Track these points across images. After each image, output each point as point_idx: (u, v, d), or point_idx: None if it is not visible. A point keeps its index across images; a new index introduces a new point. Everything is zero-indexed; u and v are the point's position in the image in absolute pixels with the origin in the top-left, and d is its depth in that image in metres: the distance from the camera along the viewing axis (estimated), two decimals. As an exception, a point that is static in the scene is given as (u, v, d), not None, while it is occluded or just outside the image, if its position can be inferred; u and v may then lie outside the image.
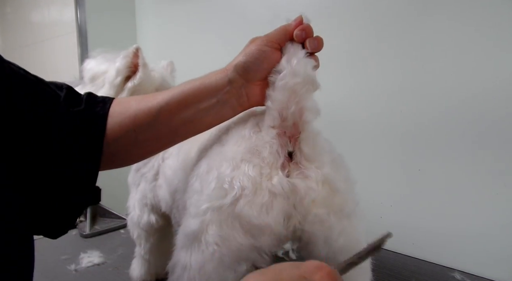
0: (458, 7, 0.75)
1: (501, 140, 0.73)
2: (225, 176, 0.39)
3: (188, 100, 0.44)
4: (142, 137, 0.46)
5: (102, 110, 0.45)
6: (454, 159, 0.79)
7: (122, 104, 0.47)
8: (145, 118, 0.44)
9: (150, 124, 0.45)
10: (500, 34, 0.71)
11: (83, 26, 1.27)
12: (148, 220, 0.69)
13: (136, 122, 0.45)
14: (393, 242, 0.36)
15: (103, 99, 0.47)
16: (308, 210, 0.39)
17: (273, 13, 1.06)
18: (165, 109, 0.44)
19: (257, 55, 0.42)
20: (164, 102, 0.44)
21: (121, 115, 0.45)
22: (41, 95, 0.41)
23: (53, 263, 0.83)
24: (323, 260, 0.40)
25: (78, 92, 0.47)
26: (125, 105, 0.46)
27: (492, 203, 0.75)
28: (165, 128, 0.46)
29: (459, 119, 0.77)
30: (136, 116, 0.45)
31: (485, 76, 0.73)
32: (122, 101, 0.48)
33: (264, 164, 0.39)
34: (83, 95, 0.46)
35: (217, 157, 0.42)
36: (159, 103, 0.44)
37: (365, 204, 0.44)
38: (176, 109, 0.44)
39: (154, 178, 0.66)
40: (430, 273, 0.76)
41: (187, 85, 0.45)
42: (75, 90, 0.46)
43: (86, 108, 0.44)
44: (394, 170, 0.87)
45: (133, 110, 0.45)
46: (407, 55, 0.83)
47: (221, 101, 0.44)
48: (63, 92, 0.44)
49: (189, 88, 0.44)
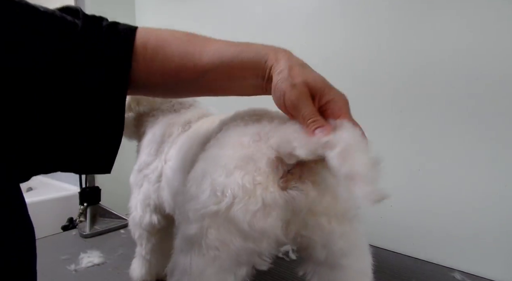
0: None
1: (501, 140, 0.73)
2: (218, 183, 0.38)
3: (235, 74, 0.43)
4: (182, 86, 0.47)
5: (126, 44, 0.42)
6: (454, 159, 0.79)
7: (163, 48, 0.43)
8: (190, 74, 0.43)
9: (193, 80, 0.44)
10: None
11: (83, 26, 1.27)
12: (150, 220, 0.68)
13: (180, 76, 0.44)
14: (393, 242, 0.35)
15: (125, 32, 0.43)
16: (307, 218, 0.39)
17: (273, 13, 1.06)
18: (211, 75, 0.43)
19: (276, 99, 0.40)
20: (212, 66, 0.42)
21: (164, 63, 0.43)
22: (57, 24, 0.38)
23: (53, 263, 0.83)
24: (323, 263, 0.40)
25: (95, 18, 0.44)
26: (167, 51, 0.43)
27: (492, 203, 0.75)
28: (206, 87, 0.46)
29: (459, 118, 0.77)
30: (180, 70, 0.43)
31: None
32: (161, 42, 0.44)
33: (258, 174, 0.38)
34: (103, 22, 0.43)
35: (212, 161, 0.41)
36: (207, 65, 0.42)
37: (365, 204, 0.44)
38: (222, 78, 0.43)
39: (157, 179, 0.66)
40: (430, 273, 0.76)
41: (236, 51, 0.42)
42: (93, 16, 0.44)
43: (106, 42, 0.41)
44: (394, 170, 0.87)
45: (177, 61, 0.43)
46: (407, 55, 0.83)
47: (260, 86, 0.43)
48: (81, 22, 0.41)
49: (240, 59, 0.42)
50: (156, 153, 0.67)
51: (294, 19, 1.01)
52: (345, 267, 0.41)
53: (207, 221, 0.38)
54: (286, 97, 0.38)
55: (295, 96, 0.38)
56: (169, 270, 0.42)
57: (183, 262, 0.39)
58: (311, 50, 0.96)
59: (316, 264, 0.42)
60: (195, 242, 0.39)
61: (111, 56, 0.41)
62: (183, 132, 0.65)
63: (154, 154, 0.68)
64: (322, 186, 0.39)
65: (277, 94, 0.39)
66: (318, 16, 0.96)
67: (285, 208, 0.38)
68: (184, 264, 0.39)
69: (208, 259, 0.38)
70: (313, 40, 0.97)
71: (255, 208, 0.37)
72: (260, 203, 0.37)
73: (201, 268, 0.38)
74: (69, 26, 0.39)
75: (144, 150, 0.70)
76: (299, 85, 0.38)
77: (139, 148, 0.74)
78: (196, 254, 0.38)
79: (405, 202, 0.86)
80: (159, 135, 0.69)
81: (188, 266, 0.39)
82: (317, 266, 0.42)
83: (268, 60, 0.41)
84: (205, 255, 0.38)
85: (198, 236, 0.38)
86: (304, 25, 0.99)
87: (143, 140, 0.73)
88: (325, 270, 0.42)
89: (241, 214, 0.37)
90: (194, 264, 0.38)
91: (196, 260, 0.38)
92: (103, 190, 1.14)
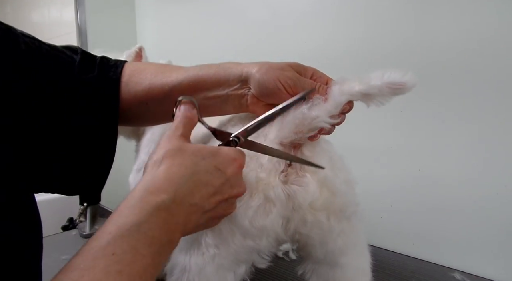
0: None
1: (502, 140, 0.73)
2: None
3: (199, 86, 0.45)
4: (153, 109, 0.48)
5: (115, 75, 0.47)
6: (454, 159, 0.79)
7: (138, 74, 0.47)
8: (158, 94, 0.46)
9: (161, 100, 0.46)
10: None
11: (83, 26, 1.27)
12: None
13: (149, 96, 0.46)
14: (393, 242, 0.36)
15: (115, 63, 0.49)
16: (306, 214, 0.39)
17: (273, 13, 1.06)
18: (177, 89, 0.45)
19: (272, 89, 0.42)
20: (178, 82, 0.46)
21: (136, 86, 0.47)
22: (55, 64, 0.42)
23: (53, 263, 0.83)
24: (322, 261, 0.41)
25: (92, 55, 0.48)
26: (141, 75, 0.47)
27: (492, 203, 0.74)
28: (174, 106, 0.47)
29: (459, 118, 0.77)
30: (149, 90, 0.46)
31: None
32: (138, 68, 0.49)
33: (261, 170, 0.39)
34: (97, 58, 0.48)
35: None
36: (172, 82, 0.46)
37: (365, 204, 0.44)
38: (186, 91, 0.45)
39: None
40: (430, 273, 0.76)
41: (203, 70, 0.46)
42: (90, 53, 0.48)
43: (99, 74, 0.46)
44: (394, 169, 0.87)
45: (148, 83, 0.46)
46: (408, 55, 0.83)
47: (226, 96, 0.45)
48: (78, 57, 0.45)
49: (203, 74, 0.45)
50: None
51: (293, 20, 1.01)
52: (344, 266, 0.41)
53: None
54: (282, 80, 0.41)
55: (291, 75, 0.41)
56: (168, 269, 0.42)
57: (182, 261, 0.40)
58: (311, 50, 0.96)
59: (315, 262, 0.42)
60: (194, 241, 0.39)
61: (102, 91, 0.45)
62: None
63: None
64: (320, 178, 0.39)
65: (269, 81, 0.41)
66: (316, 17, 0.96)
67: (286, 204, 0.38)
68: (184, 263, 0.39)
69: (208, 257, 0.38)
70: (312, 40, 0.97)
71: (257, 204, 0.37)
72: (262, 199, 0.37)
73: (201, 266, 0.38)
74: (67, 59, 0.44)
75: (143, 150, 0.70)
76: (286, 67, 0.42)
77: (138, 147, 0.74)
78: (195, 253, 0.39)
79: (405, 202, 0.86)
80: (158, 134, 0.69)
81: (187, 264, 0.39)
82: (316, 264, 0.42)
83: (237, 71, 0.44)
84: (204, 254, 0.38)
85: (198, 235, 0.38)
86: (303, 26, 0.99)
87: (142, 139, 0.73)
88: (324, 268, 0.42)
89: (243, 211, 0.37)
90: (193, 263, 0.38)
91: (195, 258, 0.38)
92: (103, 190, 1.13)
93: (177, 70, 0.47)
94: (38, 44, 0.42)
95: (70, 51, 0.45)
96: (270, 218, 0.38)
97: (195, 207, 0.34)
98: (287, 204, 0.38)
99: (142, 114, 0.49)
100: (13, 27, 0.41)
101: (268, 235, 0.38)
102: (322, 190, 0.39)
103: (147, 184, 0.33)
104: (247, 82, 0.43)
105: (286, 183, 0.39)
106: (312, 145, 0.40)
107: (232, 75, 0.44)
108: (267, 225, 0.38)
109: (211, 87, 0.45)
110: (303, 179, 0.39)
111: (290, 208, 0.39)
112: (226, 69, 0.45)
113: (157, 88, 0.46)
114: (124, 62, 0.49)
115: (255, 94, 0.43)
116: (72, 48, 0.46)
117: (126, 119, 0.48)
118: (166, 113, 0.48)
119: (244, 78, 0.43)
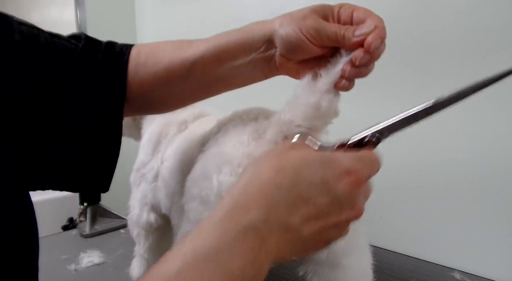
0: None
1: (503, 139, 0.73)
2: (223, 183, 0.38)
3: (222, 56, 0.41)
4: (176, 89, 0.45)
5: (121, 62, 0.43)
6: (454, 158, 0.79)
7: (155, 54, 0.44)
8: (179, 71, 0.43)
9: (183, 77, 0.43)
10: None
11: (83, 26, 1.27)
12: (148, 219, 0.69)
13: (170, 75, 0.43)
14: (393, 242, 0.36)
15: (121, 48, 0.45)
16: None
17: (273, 13, 1.06)
18: (200, 63, 0.42)
19: (296, 42, 0.37)
20: (199, 55, 0.42)
21: (155, 66, 0.43)
22: (55, 52, 0.40)
23: (53, 263, 0.83)
24: (324, 262, 0.40)
25: (97, 41, 0.45)
26: (158, 55, 0.44)
27: (492, 203, 0.74)
28: (198, 83, 0.44)
29: (459, 119, 0.77)
30: (169, 69, 0.43)
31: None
32: (152, 48, 0.45)
33: None
34: (102, 43, 0.45)
35: (213, 161, 0.41)
36: (193, 56, 0.42)
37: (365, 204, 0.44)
38: (210, 64, 0.42)
39: (154, 179, 0.66)
40: (430, 273, 0.76)
41: (224, 38, 0.42)
42: (94, 39, 0.45)
43: (103, 61, 0.43)
44: (394, 169, 0.87)
45: (167, 61, 0.43)
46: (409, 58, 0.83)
47: (253, 62, 0.41)
48: (82, 43, 0.42)
49: (225, 42, 0.41)
50: (152, 152, 0.68)
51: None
52: (346, 267, 0.41)
53: None
54: (304, 30, 0.36)
55: (312, 22, 0.36)
56: None
57: None
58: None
59: (316, 263, 0.42)
60: None
61: (108, 73, 0.42)
62: (179, 132, 0.66)
63: (151, 154, 0.68)
64: None
65: (291, 34, 0.36)
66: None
67: None
68: None
69: None
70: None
71: None
72: None
73: None
74: (70, 46, 0.41)
75: (142, 150, 0.71)
76: (309, 13, 0.36)
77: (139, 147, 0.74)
78: None
79: (405, 202, 0.86)
80: (156, 134, 0.69)
81: None
82: (318, 265, 0.42)
83: (260, 31, 0.40)
84: None
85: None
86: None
87: (142, 139, 0.73)
88: (325, 269, 0.42)
89: None
90: None
91: None
92: (103, 190, 1.14)
93: (196, 43, 0.43)
94: (36, 32, 0.39)
95: (74, 39, 0.43)
96: None
97: (292, 232, 0.27)
98: None
99: (165, 95, 0.45)
100: (9, 16, 0.38)
101: None
102: None
103: (237, 195, 0.27)
104: (273, 41, 0.39)
105: None
106: (311, 145, 0.40)
107: (256, 36, 0.40)
108: None
109: (236, 55, 0.41)
110: None
111: None
112: (248, 31, 0.40)
113: (177, 65, 0.42)
114: (131, 46, 0.46)
115: (282, 52, 0.38)
116: (77, 35, 0.44)
117: (151, 102, 0.45)
118: (190, 91, 0.45)
119: (268, 38, 0.39)
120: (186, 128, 0.66)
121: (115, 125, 0.44)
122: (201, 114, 0.69)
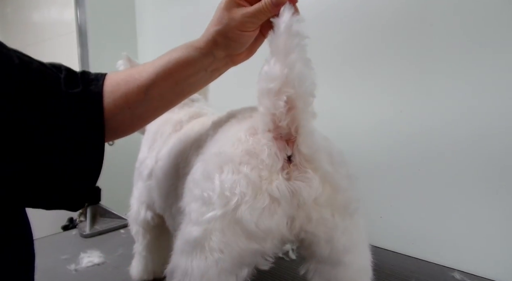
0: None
1: (500, 144, 0.73)
2: (226, 182, 0.38)
3: (173, 73, 0.46)
4: (138, 112, 0.47)
5: (96, 88, 0.46)
6: (454, 159, 0.79)
7: (112, 84, 0.47)
8: (137, 97, 0.46)
9: (142, 101, 0.46)
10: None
11: (83, 26, 1.27)
12: (145, 217, 0.69)
13: (129, 101, 0.46)
14: (393, 242, 0.36)
15: (96, 76, 0.49)
16: (311, 211, 0.39)
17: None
18: (154, 86, 0.46)
19: (238, 37, 0.43)
20: (151, 79, 0.45)
21: (112, 95, 0.46)
22: (46, 79, 0.42)
23: (53, 263, 0.83)
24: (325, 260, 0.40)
25: (74, 71, 0.48)
26: (114, 84, 0.47)
27: (492, 202, 0.75)
28: (158, 102, 0.48)
29: (457, 119, 0.77)
30: (127, 96, 0.46)
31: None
32: (111, 78, 0.48)
33: (263, 167, 0.38)
34: (78, 74, 0.48)
35: (214, 160, 0.41)
36: (146, 81, 0.46)
37: (365, 204, 0.44)
38: (165, 85, 0.46)
39: (148, 177, 0.67)
40: (430, 273, 0.76)
41: (172, 59, 0.45)
42: (71, 69, 0.48)
43: (83, 88, 0.45)
44: (394, 169, 0.87)
45: (123, 90, 0.46)
46: (409, 58, 0.83)
47: (209, 71, 0.47)
48: (63, 74, 0.45)
49: (173, 63, 0.45)
50: (148, 150, 0.69)
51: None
52: (347, 264, 0.41)
53: (213, 224, 0.37)
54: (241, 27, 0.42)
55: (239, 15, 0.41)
56: (169, 271, 0.42)
57: (184, 264, 0.39)
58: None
59: (318, 262, 0.42)
60: (197, 245, 0.38)
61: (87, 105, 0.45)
62: (174, 132, 0.66)
63: (147, 152, 0.69)
64: (321, 173, 0.39)
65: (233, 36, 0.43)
66: (317, 19, 0.96)
67: (290, 202, 0.38)
68: (185, 266, 0.39)
69: (211, 261, 0.37)
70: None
71: (263, 205, 0.37)
72: (267, 199, 0.37)
73: (203, 270, 0.37)
74: (54, 75, 0.44)
75: (141, 148, 0.72)
76: (227, 10, 0.42)
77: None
78: (198, 256, 0.38)
79: (405, 202, 0.86)
80: (153, 132, 0.70)
81: (189, 268, 0.38)
82: (319, 264, 0.42)
83: (202, 39, 0.45)
84: (207, 258, 0.37)
85: (201, 239, 0.38)
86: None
87: (143, 137, 0.74)
88: (327, 267, 0.42)
89: (248, 214, 0.36)
90: (195, 266, 0.38)
91: (198, 262, 0.38)
92: (103, 190, 1.14)
93: (146, 67, 0.47)
94: (28, 59, 0.42)
95: (55, 68, 0.46)
96: (275, 218, 0.37)
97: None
98: (291, 202, 0.38)
99: (129, 119, 0.48)
100: (2, 42, 0.40)
101: (273, 237, 0.38)
102: (324, 186, 0.39)
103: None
104: (220, 54, 0.45)
105: (289, 179, 0.38)
106: (309, 143, 0.39)
107: (202, 56, 0.45)
108: (273, 226, 0.37)
109: (189, 74, 0.46)
110: (306, 175, 0.39)
111: (295, 206, 0.38)
112: (191, 52, 0.45)
113: (134, 92, 0.46)
114: (104, 75, 0.49)
115: (231, 53, 0.45)
116: (56, 65, 0.47)
117: (115, 127, 0.47)
118: (154, 110, 0.49)
119: (215, 54, 0.45)
120: (181, 128, 0.66)
121: (97, 145, 0.46)
122: (198, 114, 0.69)
